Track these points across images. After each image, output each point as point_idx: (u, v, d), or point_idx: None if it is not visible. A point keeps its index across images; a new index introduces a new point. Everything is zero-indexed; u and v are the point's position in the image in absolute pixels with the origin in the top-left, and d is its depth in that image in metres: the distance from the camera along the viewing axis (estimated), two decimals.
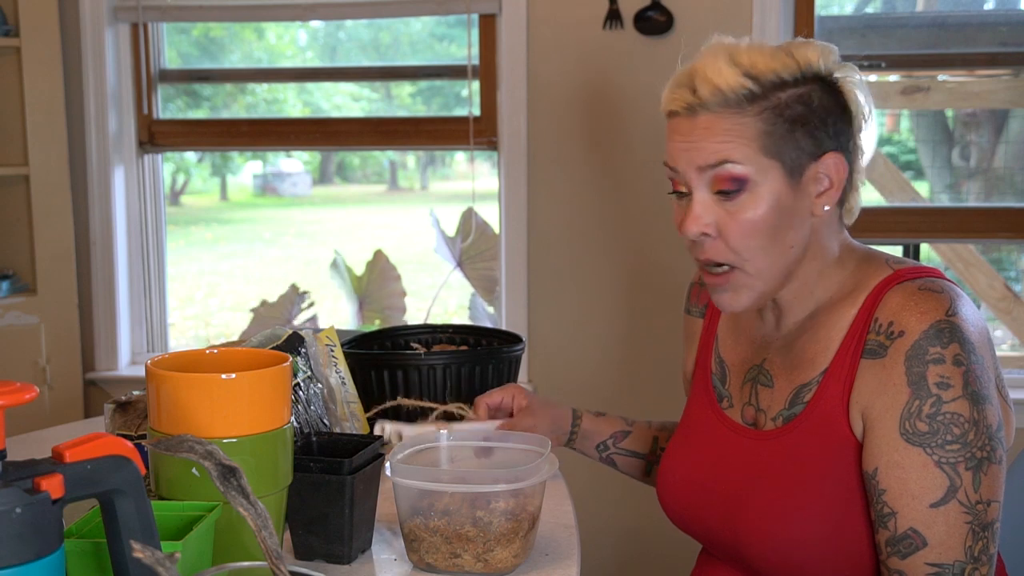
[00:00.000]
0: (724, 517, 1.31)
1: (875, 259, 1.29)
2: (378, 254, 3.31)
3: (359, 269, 3.33)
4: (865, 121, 1.26)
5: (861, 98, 1.25)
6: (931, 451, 1.14)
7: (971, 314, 1.19)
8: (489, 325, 3.05)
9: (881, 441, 1.17)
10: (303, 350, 1.54)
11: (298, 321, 3.32)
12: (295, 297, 3.32)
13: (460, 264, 3.11)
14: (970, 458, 1.13)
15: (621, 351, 2.89)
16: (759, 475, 1.28)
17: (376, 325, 3.28)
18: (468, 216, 3.08)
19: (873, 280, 1.25)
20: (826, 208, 1.25)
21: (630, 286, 2.87)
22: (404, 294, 3.27)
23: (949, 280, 1.24)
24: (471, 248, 3.08)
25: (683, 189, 1.26)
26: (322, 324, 3.43)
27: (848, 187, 1.27)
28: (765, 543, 1.25)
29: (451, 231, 3.14)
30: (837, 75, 1.25)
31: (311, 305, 3.36)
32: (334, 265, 3.30)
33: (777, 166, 1.22)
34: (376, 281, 3.27)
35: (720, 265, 1.25)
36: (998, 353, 1.28)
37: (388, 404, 1.65)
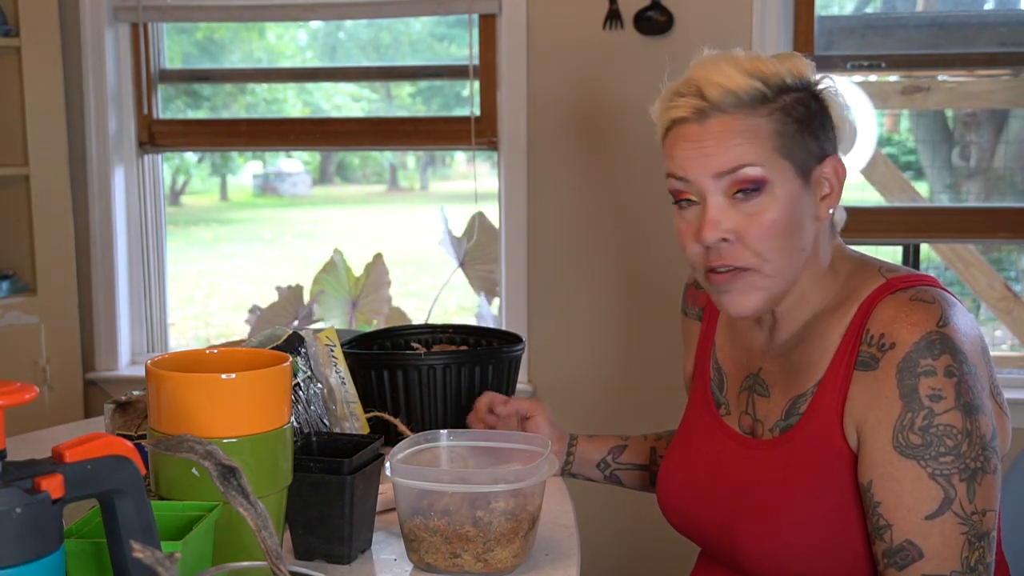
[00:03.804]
0: (722, 524, 1.32)
1: (867, 267, 1.29)
2: (377, 257, 3.31)
3: (358, 270, 3.33)
4: (847, 135, 1.28)
5: (843, 112, 1.27)
6: (925, 463, 1.14)
7: (964, 323, 1.19)
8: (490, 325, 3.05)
9: (875, 454, 1.17)
10: (303, 350, 1.54)
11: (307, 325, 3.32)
12: (299, 299, 3.31)
13: (463, 264, 3.11)
14: (964, 469, 1.13)
15: (621, 351, 2.89)
16: (756, 484, 1.28)
17: (374, 325, 3.28)
18: (476, 220, 3.09)
19: (865, 289, 1.25)
20: (831, 211, 1.26)
21: (630, 285, 2.87)
22: (390, 300, 3.28)
23: (943, 288, 1.24)
24: (475, 249, 3.09)
25: (693, 198, 1.24)
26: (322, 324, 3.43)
27: None
28: (762, 552, 1.25)
29: (456, 231, 3.14)
30: (821, 87, 1.27)
31: (322, 319, 3.36)
32: (331, 264, 3.30)
33: (789, 167, 1.22)
34: (371, 284, 3.27)
35: (727, 265, 1.23)
36: (998, 353, 1.29)
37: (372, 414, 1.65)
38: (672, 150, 1.25)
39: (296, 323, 3.25)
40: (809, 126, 1.24)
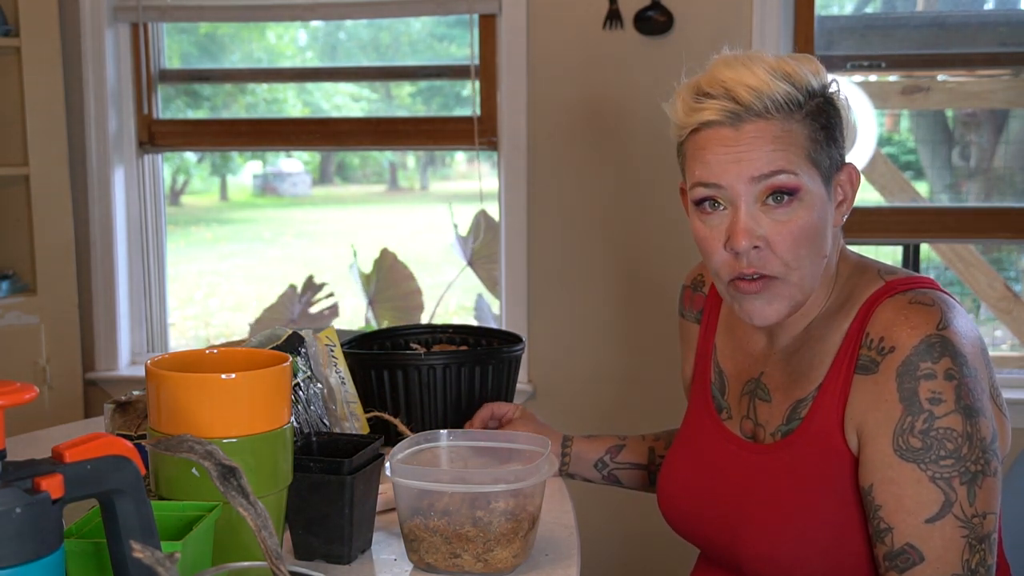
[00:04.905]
0: (723, 528, 1.31)
1: (867, 270, 1.28)
2: (384, 252, 3.30)
3: (365, 268, 3.33)
4: (850, 137, 1.27)
5: (848, 115, 1.26)
6: (925, 467, 1.14)
7: (963, 325, 1.18)
8: (490, 325, 3.05)
9: (875, 457, 1.17)
10: (303, 350, 1.54)
11: (315, 310, 3.31)
12: (295, 296, 3.31)
13: (471, 263, 3.12)
14: (964, 472, 1.13)
15: (621, 351, 2.89)
16: (758, 489, 1.28)
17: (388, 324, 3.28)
18: (480, 218, 3.09)
19: (865, 292, 1.25)
20: (844, 218, 1.26)
21: (630, 286, 2.87)
22: (420, 292, 3.26)
23: (942, 290, 1.23)
24: (483, 248, 3.09)
25: (721, 202, 1.22)
26: (339, 314, 3.44)
27: None
28: (764, 556, 1.25)
29: (458, 231, 3.14)
30: (832, 90, 1.25)
31: (330, 296, 3.35)
32: (351, 265, 3.30)
33: (817, 174, 1.21)
34: (385, 280, 3.26)
35: (756, 272, 1.21)
36: (998, 353, 1.28)
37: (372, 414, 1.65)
38: (702, 154, 1.21)
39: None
40: (832, 132, 1.23)
